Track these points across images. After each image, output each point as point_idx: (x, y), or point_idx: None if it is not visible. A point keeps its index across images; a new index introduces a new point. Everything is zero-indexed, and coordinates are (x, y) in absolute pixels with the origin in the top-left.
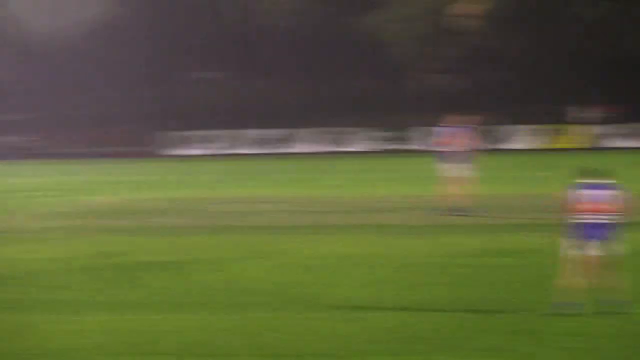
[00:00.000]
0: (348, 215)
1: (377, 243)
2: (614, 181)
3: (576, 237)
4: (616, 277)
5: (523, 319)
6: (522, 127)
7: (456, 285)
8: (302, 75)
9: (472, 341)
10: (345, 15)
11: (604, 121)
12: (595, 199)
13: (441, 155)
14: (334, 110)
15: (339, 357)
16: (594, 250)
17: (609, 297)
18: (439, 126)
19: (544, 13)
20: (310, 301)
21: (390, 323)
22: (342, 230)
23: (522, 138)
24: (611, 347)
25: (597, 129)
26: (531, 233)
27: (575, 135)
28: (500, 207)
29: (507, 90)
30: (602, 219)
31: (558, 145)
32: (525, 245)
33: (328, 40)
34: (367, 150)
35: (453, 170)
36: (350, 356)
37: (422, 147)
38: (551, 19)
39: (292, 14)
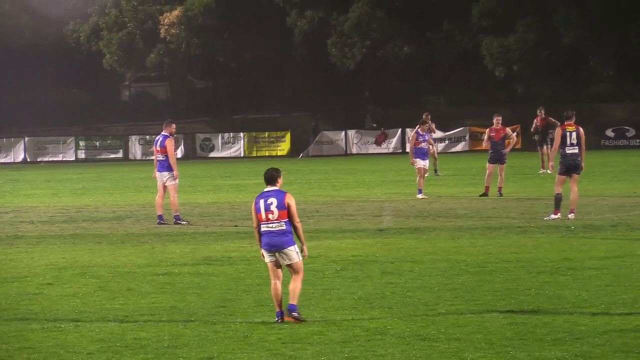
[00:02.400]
0: (66, 225)
1: (91, 253)
2: (278, 187)
3: (262, 245)
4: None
5: (238, 327)
6: (227, 135)
7: (169, 294)
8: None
9: (191, 350)
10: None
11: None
12: (267, 208)
13: (157, 163)
14: (44, 118)
15: None
16: (274, 257)
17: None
18: (155, 135)
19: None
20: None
21: (100, 334)
22: (58, 240)
23: (227, 146)
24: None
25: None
26: (240, 241)
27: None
28: (205, 214)
29: (215, 97)
30: (273, 226)
31: (262, 153)
32: (234, 253)
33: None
34: (81, 158)
35: (160, 179)
36: None
37: (138, 156)
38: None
39: None
